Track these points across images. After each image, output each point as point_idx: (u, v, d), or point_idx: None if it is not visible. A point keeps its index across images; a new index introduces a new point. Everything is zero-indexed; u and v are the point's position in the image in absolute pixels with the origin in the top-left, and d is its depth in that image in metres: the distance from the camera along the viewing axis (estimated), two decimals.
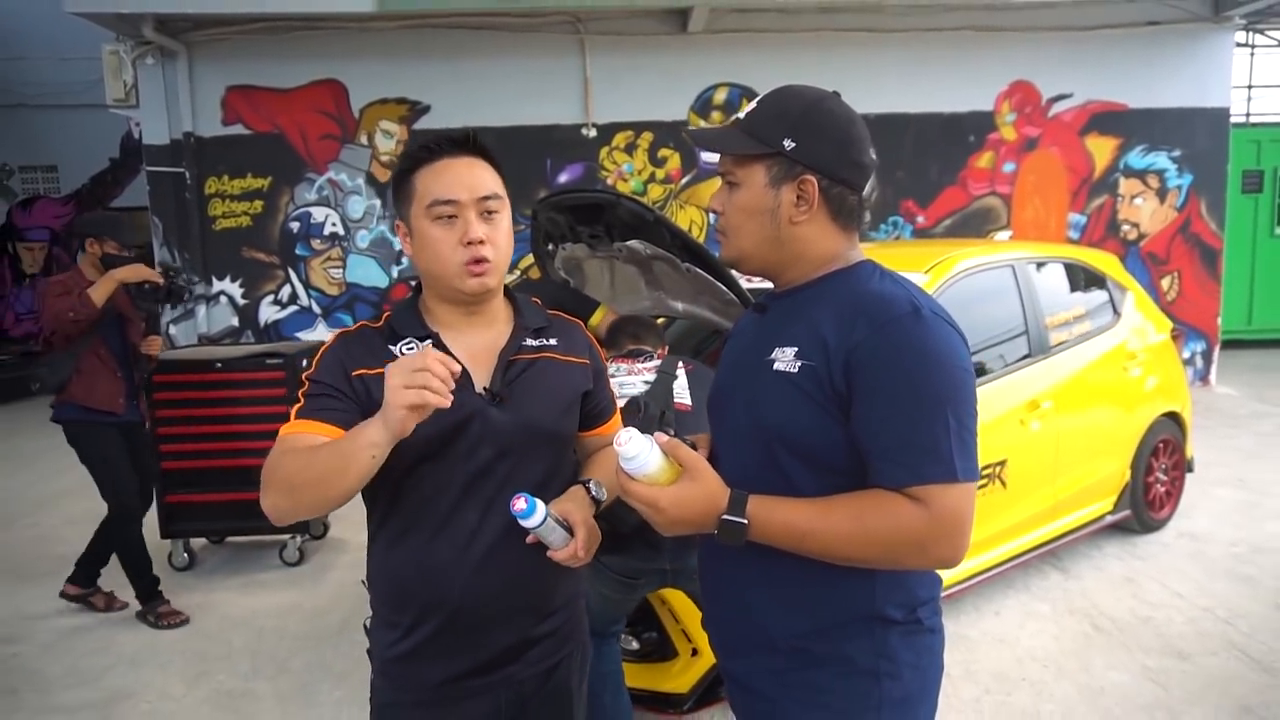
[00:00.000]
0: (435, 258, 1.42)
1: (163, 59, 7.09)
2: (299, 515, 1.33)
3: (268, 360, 4.39)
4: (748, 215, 1.32)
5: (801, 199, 1.29)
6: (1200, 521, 4.59)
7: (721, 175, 1.36)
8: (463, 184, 1.41)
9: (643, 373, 2.54)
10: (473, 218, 1.40)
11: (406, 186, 1.44)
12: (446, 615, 1.42)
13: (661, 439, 1.22)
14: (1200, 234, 7.97)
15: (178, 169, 7.22)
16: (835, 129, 1.30)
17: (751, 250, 1.34)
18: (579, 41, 7.34)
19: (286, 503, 1.30)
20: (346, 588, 4.15)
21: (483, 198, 1.42)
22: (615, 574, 2.41)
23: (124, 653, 3.54)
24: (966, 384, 1.22)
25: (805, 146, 1.27)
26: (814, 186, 1.28)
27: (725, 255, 1.39)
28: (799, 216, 1.30)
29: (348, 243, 7.49)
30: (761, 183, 1.30)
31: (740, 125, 1.32)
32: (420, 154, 1.44)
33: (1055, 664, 3.19)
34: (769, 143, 1.28)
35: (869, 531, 1.18)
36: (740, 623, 1.36)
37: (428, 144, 1.45)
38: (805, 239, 1.32)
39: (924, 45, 7.41)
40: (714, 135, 1.37)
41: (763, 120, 1.30)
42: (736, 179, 1.32)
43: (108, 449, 3.74)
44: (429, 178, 1.42)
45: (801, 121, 1.28)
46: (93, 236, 3.80)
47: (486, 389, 1.44)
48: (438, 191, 1.40)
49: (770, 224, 1.31)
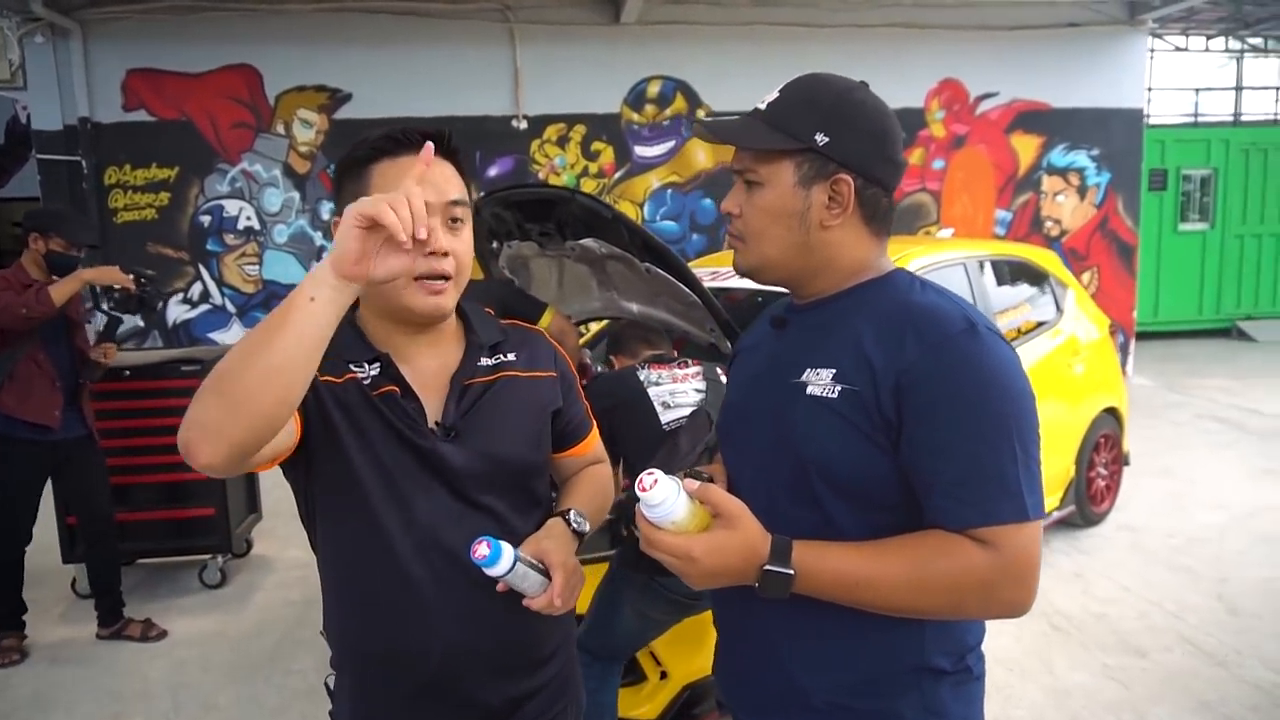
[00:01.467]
0: None
1: (54, 37, 6.53)
2: (223, 428, 0.96)
3: (183, 368, 4.05)
4: (773, 218, 1.17)
5: (834, 200, 1.15)
6: (1136, 514, 4.70)
7: (738, 173, 1.19)
8: (430, 185, 1.18)
9: (688, 379, 2.38)
10: (436, 224, 1.19)
11: (360, 178, 1.22)
12: (423, 678, 1.24)
13: (692, 486, 1.06)
14: (1117, 230, 8.24)
15: (73, 157, 6.68)
16: (870, 122, 1.16)
17: (776, 257, 1.19)
18: (508, 30, 7.09)
19: (207, 408, 0.97)
20: (274, 611, 3.87)
21: (450, 202, 1.22)
22: (675, 595, 2.22)
23: (22, 696, 3.19)
24: (1030, 408, 1.09)
25: (839, 141, 1.13)
26: (849, 186, 1.14)
27: (743, 263, 1.23)
28: (831, 220, 1.16)
29: (264, 238, 7.07)
30: (789, 182, 1.15)
31: (762, 116, 1.17)
32: (384, 144, 1.23)
33: (1019, 666, 3.17)
34: (799, 137, 1.13)
35: (932, 580, 1.04)
36: (769, 677, 1.21)
37: (394, 134, 1.23)
38: (836, 244, 1.18)
39: (856, 41, 7.42)
40: (735, 128, 1.20)
41: (790, 111, 1.15)
42: (759, 178, 1.16)
43: (25, 476, 3.37)
44: (391, 172, 1.20)
45: (834, 113, 1.14)
46: (37, 232, 3.35)
47: (438, 423, 1.24)
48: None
49: (799, 228, 1.16)
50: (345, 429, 1.21)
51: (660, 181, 7.49)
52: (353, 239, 0.98)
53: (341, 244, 0.98)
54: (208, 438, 0.97)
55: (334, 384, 1.21)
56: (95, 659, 3.44)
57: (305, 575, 4.16)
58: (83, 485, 3.54)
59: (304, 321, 0.98)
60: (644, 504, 1.03)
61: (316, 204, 7.07)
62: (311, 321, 0.98)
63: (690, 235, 7.56)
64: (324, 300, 0.99)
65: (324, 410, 1.20)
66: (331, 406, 1.20)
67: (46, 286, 3.22)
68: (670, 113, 7.44)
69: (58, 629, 3.73)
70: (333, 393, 1.21)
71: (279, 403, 0.99)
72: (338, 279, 0.99)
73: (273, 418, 0.99)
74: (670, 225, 7.55)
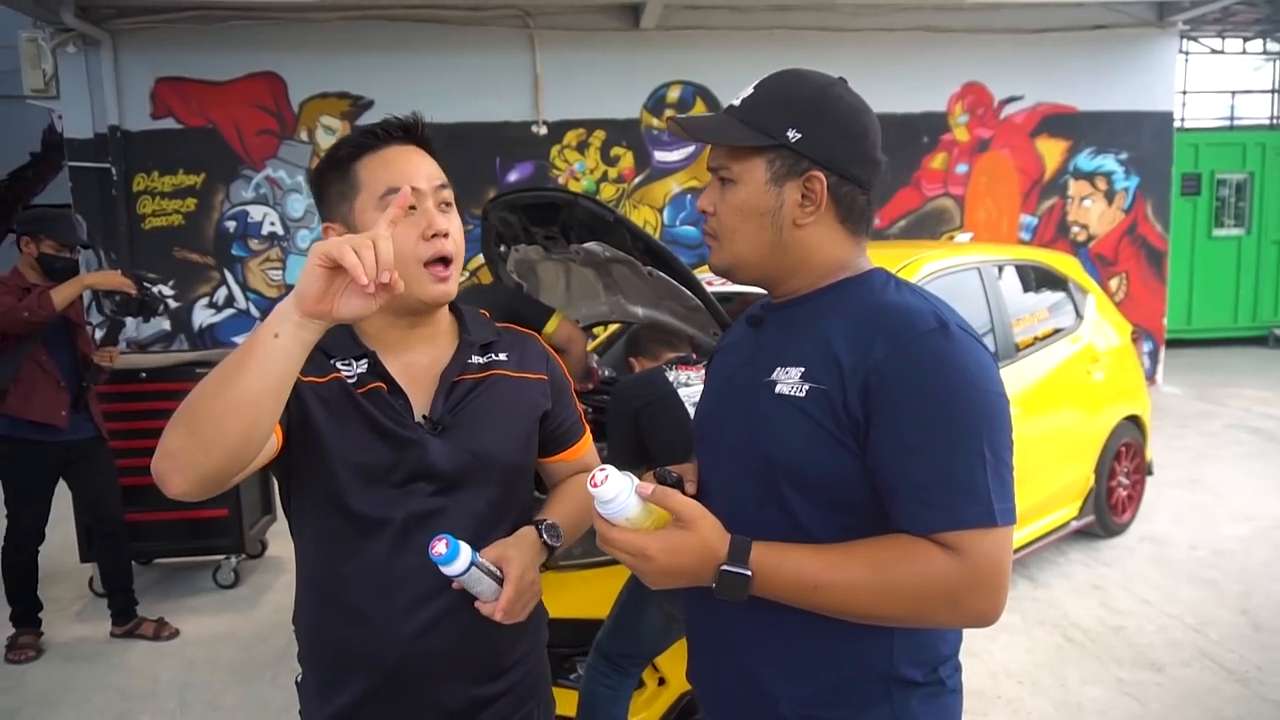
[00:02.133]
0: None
1: (85, 47, 6.66)
2: (193, 457, 0.99)
3: (198, 369, 4.10)
4: (744, 216, 1.15)
5: (807, 198, 1.13)
6: (1160, 525, 4.58)
7: (713, 171, 1.18)
8: (419, 172, 1.23)
9: None
10: (432, 208, 1.23)
11: (347, 178, 1.24)
12: (382, 676, 1.24)
13: (646, 490, 1.04)
14: (1147, 235, 8.08)
15: (103, 164, 6.80)
16: (845, 119, 1.14)
17: (748, 256, 1.17)
18: (528, 36, 7.12)
19: (176, 440, 0.99)
20: (285, 612, 3.86)
21: (440, 186, 1.25)
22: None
23: (33, 692, 3.24)
24: (1002, 410, 1.06)
25: (812, 138, 1.11)
26: (822, 184, 1.12)
27: (717, 262, 1.21)
28: (804, 218, 1.14)
29: (287, 243, 7.15)
30: (761, 179, 1.13)
31: (736, 113, 1.15)
32: (365, 140, 1.25)
33: (1030, 679, 3.10)
34: (771, 133, 1.11)
35: (894, 585, 1.01)
36: (737, 686, 1.19)
37: (372, 129, 1.26)
38: (810, 243, 1.16)
39: (877, 45, 7.36)
40: (707, 124, 1.19)
41: (763, 108, 1.13)
42: (732, 175, 1.15)
43: (34, 476, 3.43)
44: (377, 166, 1.23)
45: (809, 110, 1.12)
46: (28, 235, 3.43)
47: (426, 416, 1.25)
48: (392, 178, 1.21)
49: (771, 226, 1.14)
50: (326, 427, 1.21)
51: (680, 186, 7.47)
52: (315, 278, 0.98)
53: (304, 282, 0.98)
54: (178, 469, 0.99)
55: (317, 383, 1.22)
56: (107, 657, 3.49)
57: None
58: (92, 486, 3.58)
59: (268, 358, 0.99)
60: (596, 500, 1.03)
61: None
62: (275, 358, 0.99)
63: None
64: (287, 336, 0.99)
65: (305, 411, 1.20)
66: (313, 406, 1.21)
67: (48, 290, 3.27)
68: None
69: (73, 627, 3.79)
70: (315, 391, 1.22)
71: (246, 437, 1.00)
72: (301, 316, 0.99)
73: (240, 450, 1.00)
74: (690, 230, 7.53)
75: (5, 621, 3.59)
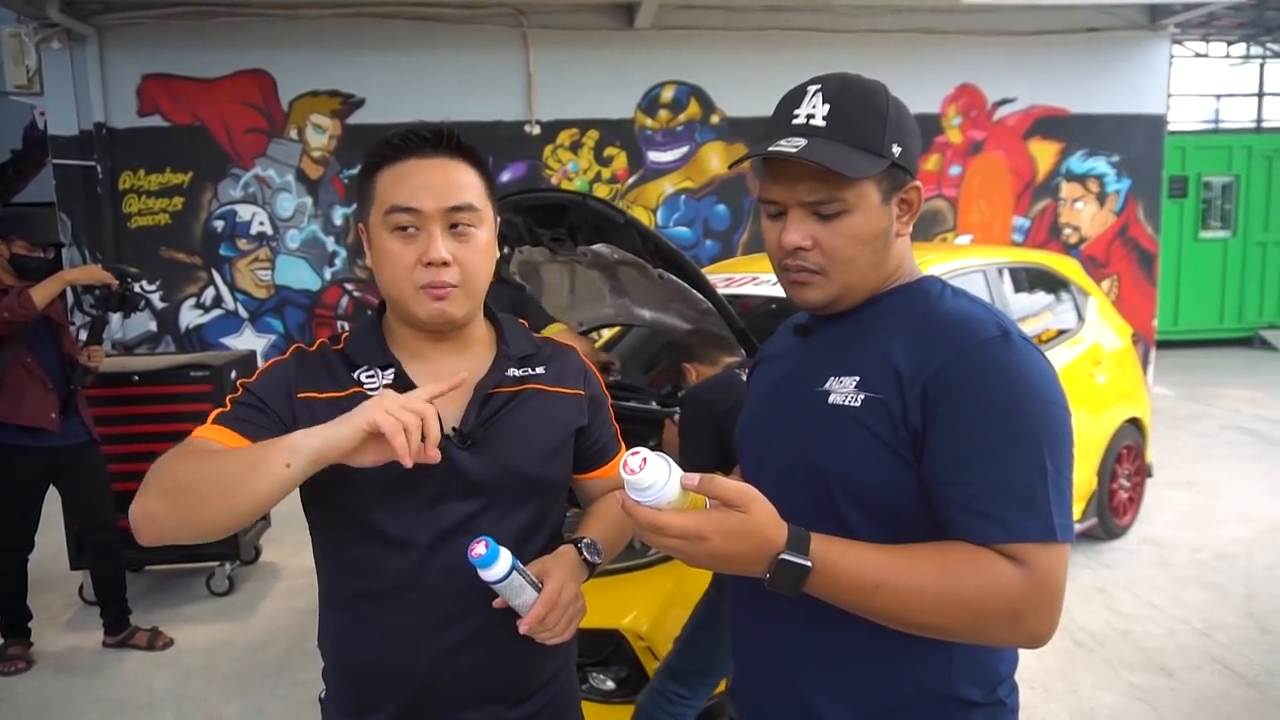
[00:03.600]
0: (391, 276, 1.18)
1: (70, 43, 6.54)
2: (172, 530, 1.04)
3: (192, 373, 4.02)
4: (862, 243, 1.08)
5: (905, 208, 1.11)
6: (1160, 527, 4.59)
7: (808, 205, 1.06)
8: (429, 190, 1.15)
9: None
10: (436, 233, 1.15)
11: (368, 187, 1.20)
12: (407, 697, 1.20)
13: (692, 481, 0.95)
14: (1138, 238, 8.12)
15: (88, 162, 6.68)
16: (912, 122, 1.12)
17: (859, 281, 1.11)
18: (521, 35, 7.06)
19: (163, 508, 1.04)
20: (282, 619, 3.82)
21: (453, 208, 1.16)
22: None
23: (27, 705, 3.15)
24: (1064, 423, 1.03)
25: (906, 149, 1.08)
26: (920, 193, 1.11)
27: (821, 297, 1.11)
28: (904, 229, 1.12)
29: (276, 243, 7.05)
30: (876, 202, 1.07)
31: (831, 134, 1.04)
32: (384, 150, 1.19)
33: (1041, 684, 3.08)
34: (882, 153, 1.05)
35: (958, 593, 0.96)
36: (786, 705, 1.14)
37: (393, 139, 1.19)
38: (899, 253, 1.14)
39: (871, 46, 7.34)
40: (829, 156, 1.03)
41: (861, 126, 1.05)
42: (845, 205, 1.06)
43: (25, 483, 3.33)
44: (390, 180, 1.17)
45: (897, 121, 1.08)
46: None
47: (456, 429, 1.19)
48: (397, 197, 1.15)
49: (882, 247, 1.10)
50: None
51: (674, 187, 7.44)
52: (353, 437, 1.01)
53: (340, 436, 1.01)
54: (154, 530, 1.05)
55: (338, 398, 1.18)
56: (100, 668, 3.40)
57: (313, 583, 4.05)
58: (85, 492, 3.49)
59: (275, 483, 1.02)
60: (632, 487, 0.94)
61: (329, 209, 7.05)
62: (282, 484, 1.02)
63: (704, 241, 7.49)
64: (298, 470, 1.02)
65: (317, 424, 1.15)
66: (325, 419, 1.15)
67: (27, 290, 3.18)
68: (684, 118, 7.38)
69: (64, 637, 3.69)
70: (335, 408, 1.15)
71: (229, 528, 1.06)
72: (318, 458, 1.02)
73: (221, 534, 1.06)
74: (684, 231, 7.49)
75: None
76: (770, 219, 1.12)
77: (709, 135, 7.41)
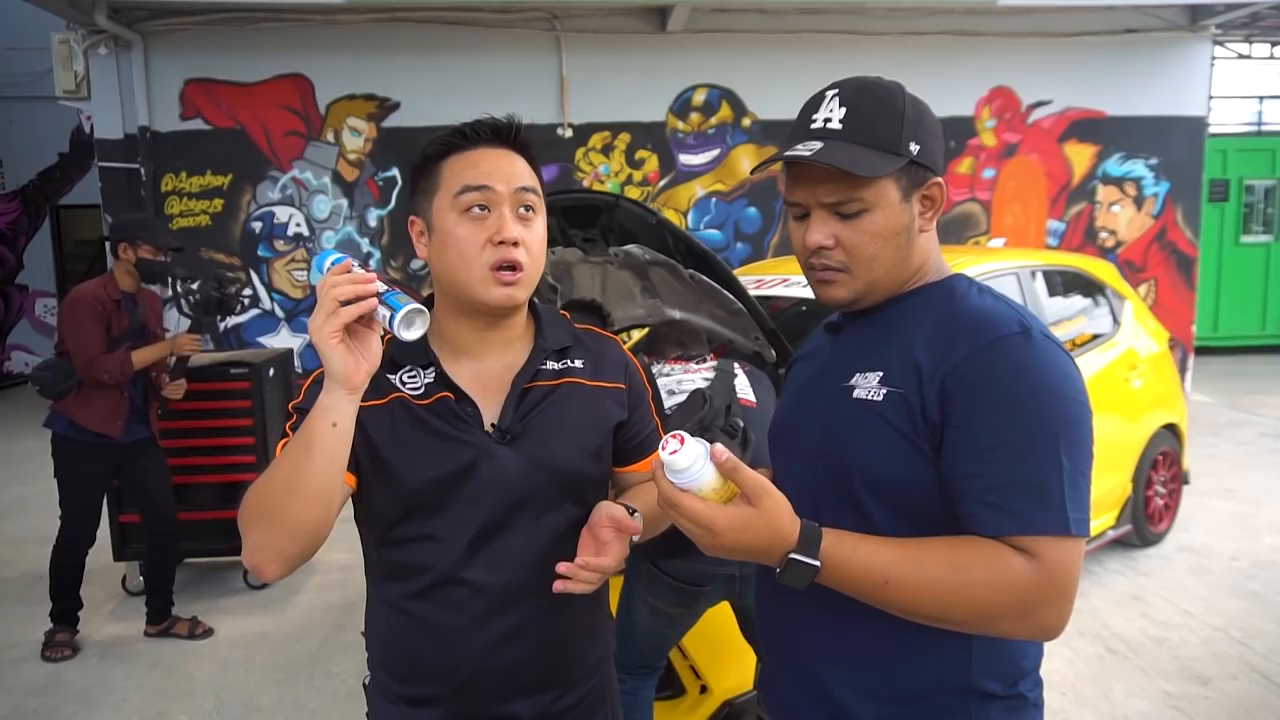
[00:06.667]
0: (458, 259, 1.19)
1: (116, 49, 6.72)
2: (282, 548, 1.06)
3: (232, 370, 4.11)
4: (884, 241, 1.11)
5: (927, 204, 1.13)
6: (1197, 535, 4.52)
7: (829, 206, 1.10)
8: (500, 173, 1.20)
9: (700, 371, 2.37)
10: (507, 213, 1.19)
11: (432, 175, 1.23)
12: (453, 688, 1.22)
13: (720, 457, 0.99)
14: (1176, 242, 7.99)
15: (132, 165, 6.86)
16: (933, 119, 1.14)
17: (883, 278, 1.13)
18: (555, 39, 7.12)
19: (261, 535, 1.06)
20: (318, 612, 3.89)
21: (521, 188, 1.21)
22: (677, 581, 2.16)
23: (72, 691, 3.24)
24: (1083, 420, 1.03)
25: (925, 146, 1.10)
26: (941, 189, 1.12)
27: (845, 294, 1.14)
28: (927, 226, 1.14)
29: (313, 244, 7.18)
30: (896, 199, 1.10)
31: (847, 136, 1.08)
32: (453, 139, 1.23)
33: (1074, 690, 3.05)
34: (899, 151, 1.08)
35: (967, 586, 0.98)
36: (808, 696, 1.17)
37: (462, 129, 1.23)
38: (923, 249, 1.15)
39: (905, 49, 7.31)
40: (841, 157, 1.06)
41: (877, 126, 1.08)
42: (864, 204, 1.09)
43: (86, 475, 3.44)
44: (460, 165, 1.21)
45: (915, 119, 1.10)
46: (125, 241, 3.42)
47: (495, 425, 1.22)
48: (469, 178, 1.19)
49: (905, 243, 1.12)
50: (391, 448, 1.20)
51: (705, 190, 7.45)
52: (338, 353, 1.02)
53: (333, 363, 1.03)
54: (270, 559, 1.07)
55: (377, 405, 1.20)
56: (143, 656, 3.49)
57: (346, 578, 4.19)
58: (147, 486, 3.61)
59: (331, 445, 1.04)
60: (668, 468, 0.98)
61: (364, 211, 7.16)
62: (338, 444, 1.05)
63: (734, 244, 7.50)
64: (343, 416, 1.05)
65: (368, 438, 1.19)
66: (375, 430, 1.19)
67: (130, 355, 3.34)
68: (715, 121, 7.40)
69: (108, 626, 3.80)
70: (375, 414, 1.19)
71: (325, 515, 1.07)
72: (349, 392, 1.04)
73: (323, 526, 1.08)
74: (714, 234, 7.51)
75: (38, 621, 3.60)
76: (795, 220, 1.16)
77: (740, 138, 7.42)
